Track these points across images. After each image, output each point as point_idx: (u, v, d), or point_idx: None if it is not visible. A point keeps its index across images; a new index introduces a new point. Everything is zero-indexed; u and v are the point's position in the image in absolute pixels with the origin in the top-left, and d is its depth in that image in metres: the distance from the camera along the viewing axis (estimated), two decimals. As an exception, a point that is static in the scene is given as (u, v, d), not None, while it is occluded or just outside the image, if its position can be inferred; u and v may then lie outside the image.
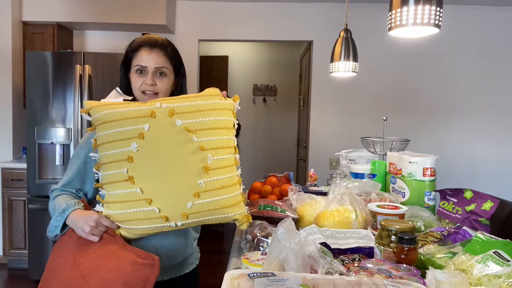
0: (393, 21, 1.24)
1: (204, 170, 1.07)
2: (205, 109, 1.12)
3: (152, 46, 1.28)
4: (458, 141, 3.94)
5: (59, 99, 3.28)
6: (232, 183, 1.12)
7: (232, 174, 1.13)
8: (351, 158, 2.24)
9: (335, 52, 2.33)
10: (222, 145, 1.11)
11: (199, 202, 1.07)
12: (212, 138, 1.10)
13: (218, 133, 1.11)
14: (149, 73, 1.27)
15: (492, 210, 1.34)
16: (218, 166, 1.09)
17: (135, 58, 1.29)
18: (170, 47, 1.32)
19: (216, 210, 1.09)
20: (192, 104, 1.12)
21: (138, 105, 1.11)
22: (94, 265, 1.05)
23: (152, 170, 1.07)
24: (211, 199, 1.07)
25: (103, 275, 1.02)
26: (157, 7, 3.60)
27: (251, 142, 5.37)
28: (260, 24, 3.94)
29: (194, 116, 1.10)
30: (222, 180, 1.09)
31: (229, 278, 0.80)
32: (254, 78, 5.31)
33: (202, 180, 1.07)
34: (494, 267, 0.87)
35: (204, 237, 1.17)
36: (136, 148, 1.07)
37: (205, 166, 1.07)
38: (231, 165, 1.13)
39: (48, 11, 3.63)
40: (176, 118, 1.09)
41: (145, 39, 1.30)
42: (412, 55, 3.86)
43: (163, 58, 1.29)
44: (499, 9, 3.84)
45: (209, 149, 1.08)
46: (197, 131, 1.09)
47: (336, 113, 3.99)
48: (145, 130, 1.07)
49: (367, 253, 1.13)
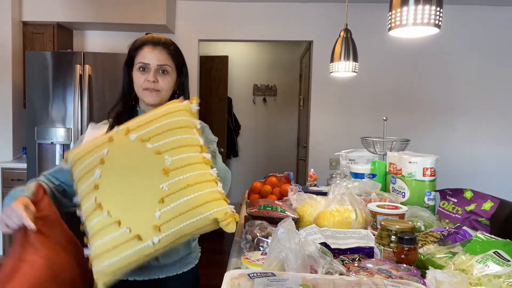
0: (393, 21, 1.24)
1: (163, 173, 1.00)
2: (158, 116, 1.09)
3: (155, 44, 1.29)
4: (458, 141, 3.95)
5: (59, 99, 3.28)
6: (201, 181, 1.02)
7: (199, 172, 1.03)
8: (351, 158, 2.24)
9: (335, 52, 2.33)
10: (181, 144, 1.04)
11: (167, 208, 0.98)
12: (168, 139, 1.04)
13: (174, 134, 1.05)
14: (152, 70, 1.28)
15: (492, 210, 1.34)
16: (180, 165, 1.01)
17: (138, 56, 1.30)
18: (172, 46, 1.33)
19: (188, 212, 0.98)
20: (146, 117, 1.10)
21: (102, 135, 1.12)
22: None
23: (116, 191, 1.03)
24: (178, 201, 0.98)
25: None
26: (157, 7, 3.60)
27: (251, 142, 5.37)
28: (260, 24, 3.94)
29: (147, 126, 1.07)
30: (187, 178, 1.00)
31: (229, 278, 0.80)
32: (254, 78, 5.31)
33: (164, 184, 0.99)
34: (494, 267, 0.87)
35: (204, 237, 1.16)
36: (99, 174, 1.04)
37: (163, 168, 1.00)
38: (195, 163, 1.04)
39: (48, 11, 3.63)
40: (131, 134, 1.07)
41: (148, 37, 1.32)
42: (412, 55, 3.86)
43: (166, 56, 1.30)
44: (499, 9, 3.84)
45: (166, 151, 1.02)
46: (151, 137, 1.05)
47: (336, 113, 3.98)
48: (104, 154, 1.06)
49: (367, 253, 1.13)
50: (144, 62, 1.28)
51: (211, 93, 4.83)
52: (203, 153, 1.07)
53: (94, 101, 3.30)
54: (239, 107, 5.32)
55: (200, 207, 0.99)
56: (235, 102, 5.30)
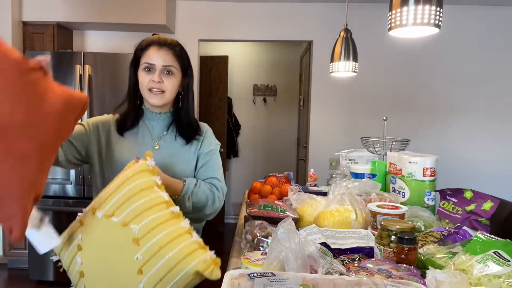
0: (393, 21, 1.24)
1: (134, 243, 0.98)
2: (117, 186, 1.07)
3: (161, 45, 1.30)
4: (458, 141, 3.95)
5: (59, 99, 3.28)
6: (173, 237, 1.00)
7: (169, 229, 1.01)
8: (351, 158, 2.24)
9: (335, 52, 2.33)
10: (144, 208, 1.02)
11: (148, 277, 0.96)
12: (130, 208, 1.02)
13: (135, 200, 1.03)
14: (157, 70, 1.28)
15: (492, 210, 1.35)
16: (147, 231, 0.99)
17: (144, 56, 1.30)
18: (178, 47, 1.34)
19: (170, 273, 0.97)
20: (107, 190, 1.10)
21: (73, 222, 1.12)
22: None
23: (98, 275, 1.02)
24: (156, 266, 0.96)
25: None
26: (157, 7, 3.60)
27: (251, 142, 5.36)
28: (260, 24, 3.94)
29: (109, 200, 1.06)
30: (157, 241, 0.98)
31: (229, 278, 0.80)
32: (254, 78, 5.31)
33: (137, 254, 0.97)
34: (494, 267, 0.87)
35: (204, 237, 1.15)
36: (81, 262, 1.04)
37: (133, 238, 0.98)
38: (163, 222, 1.02)
39: (48, 11, 3.63)
40: (97, 212, 1.06)
41: (154, 38, 1.33)
42: (412, 55, 3.86)
43: (171, 57, 1.30)
44: (499, 9, 3.84)
45: (131, 220, 1.00)
46: (115, 211, 1.03)
47: (336, 113, 3.99)
48: (79, 240, 1.06)
49: (367, 253, 1.13)
50: (150, 62, 1.29)
51: (211, 93, 4.83)
52: (170, 208, 1.05)
53: (94, 101, 3.30)
54: (239, 107, 5.32)
55: (179, 264, 0.97)
56: (235, 102, 5.30)
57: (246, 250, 1.23)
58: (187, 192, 1.28)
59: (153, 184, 1.07)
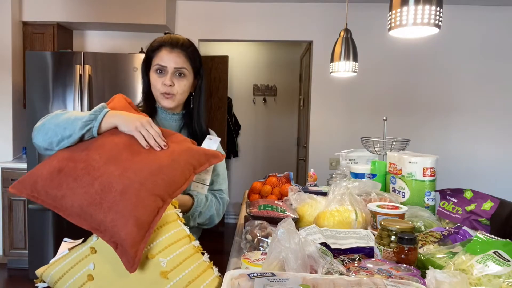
0: (393, 21, 1.24)
1: (162, 277, 0.95)
2: None
3: (173, 46, 1.29)
4: (458, 141, 3.95)
5: (59, 99, 3.28)
6: (200, 272, 1.00)
7: (195, 264, 1.00)
8: (351, 158, 2.24)
9: (335, 52, 2.33)
10: (171, 241, 1.00)
11: None
12: (157, 240, 0.99)
13: (161, 233, 1.00)
14: (168, 73, 1.28)
15: (492, 210, 1.34)
16: (176, 264, 0.97)
17: (156, 58, 1.29)
18: (191, 48, 1.32)
19: None
20: None
21: (80, 247, 1.03)
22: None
23: None
24: None
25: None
26: (157, 7, 3.60)
27: (251, 142, 5.36)
28: (260, 24, 3.94)
29: None
30: (186, 276, 0.97)
31: (229, 278, 0.80)
32: (254, 78, 5.31)
33: (166, 287, 0.95)
34: (494, 267, 0.87)
35: (204, 237, 1.15)
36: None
37: (161, 271, 0.95)
38: (189, 256, 1.01)
39: (48, 11, 3.63)
40: None
41: (166, 38, 1.31)
42: (412, 55, 3.86)
43: (183, 58, 1.29)
44: (499, 9, 3.84)
45: (158, 252, 0.97)
46: None
47: (336, 113, 3.99)
48: (91, 270, 0.98)
49: (367, 253, 1.13)
50: (161, 64, 1.28)
51: (211, 93, 4.83)
52: (192, 242, 1.04)
53: (94, 101, 3.30)
54: (239, 107, 5.32)
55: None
56: (235, 102, 5.30)
57: (246, 250, 1.23)
58: (194, 212, 1.27)
59: (176, 217, 1.06)
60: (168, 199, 1.01)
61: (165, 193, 1.00)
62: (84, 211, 0.94)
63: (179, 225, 1.05)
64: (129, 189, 0.95)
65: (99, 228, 0.94)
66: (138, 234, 0.91)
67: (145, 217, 0.94)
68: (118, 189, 0.95)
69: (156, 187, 0.98)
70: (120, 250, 0.91)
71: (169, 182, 1.01)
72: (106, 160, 1.01)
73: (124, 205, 0.93)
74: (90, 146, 1.06)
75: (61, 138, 1.07)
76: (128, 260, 0.90)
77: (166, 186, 1.00)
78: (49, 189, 0.99)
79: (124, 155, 1.03)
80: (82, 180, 0.98)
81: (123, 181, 0.96)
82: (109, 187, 0.95)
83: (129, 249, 0.90)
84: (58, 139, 1.07)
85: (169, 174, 1.02)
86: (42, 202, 1.00)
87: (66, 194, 0.97)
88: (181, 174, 1.05)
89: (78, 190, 0.96)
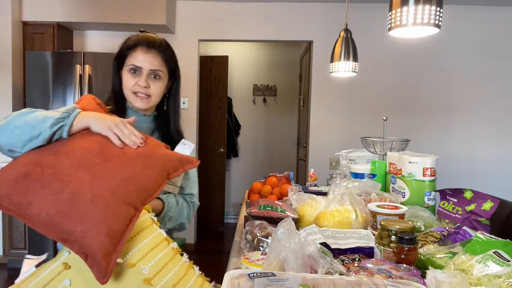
0: (393, 21, 1.24)
1: (146, 283, 0.92)
2: None
3: (149, 47, 1.24)
4: (458, 141, 3.95)
5: (59, 99, 3.28)
6: (183, 274, 0.98)
7: (176, 267, 0.98)
8: (351, 158, 2.24)
9: (335, 52, 2.33)
10: (150, 247, 0.98)
11: None
12: (135, 248, 0.96)
13: (139, 239, 0.97)
14: (144, 74, 1.23)
15: (492, 210, 1.35)
16: (158, 270, 0.95)
17: (131, 57, 1.25)
18: (167, 50, 1.28)
19: None
20: None
21: (50, 263, 0.97)
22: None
23: None
24: None
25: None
26: (157, 7, 3.60)
27: (251, 142, 5.37)
28: (260, 24, 3.94)
29: None
30: (170, 279, 0.95)
31: (229, 278, 0.80)
32: (254, 78, 5.31)
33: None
34: (494, 267, 0.87)
35: (204, 237, 1.15)
36: None
37: (144, 279, 0.93)
38: (170, 260, 0.99)
39: (48, 11, 3.63)
40: None
41: (142, 38, 1.26)
42: (412, 55, 3.86)
43: (159, 60, 1.25)
44: (499, 9, 3.84)
45: (138, 260, 0.94)
46: None
47: (336, 113, 3.99)
48: (67, 286, 0.93)
49: (367, 253, 1.13)
50: (136, 65, 1.23)
51: (211, 93, 4.83)
52: (171, 244, 1.02)
53: (94, 101, 3.30)
54: (239, 107, 5.32)
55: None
56: (235, 102, 5.30)
57: (246, 250, 1.23)
58: (164, 217, 1.23)
59: (151, 222, 1.03)
60: (141, 207, 0.97)
61: (137, 201, 0.96)
62: (52, 220, 0.89)
63: (156, 229, 1.02)
64: (100, 198, 0.91)
65: (68, 238, 0.89)
66: (110, 245, 0.88)
67: (117, 226, 0.90)
68: (89, 197, 0.91)
69: (128, 195, 0.94)
70: (90, 261, 0.88)
71: (142, 189, 0.97)
72: (77, 166, 0.96)
73: (95, 214, 0.89)
74: (59, 150, 1.00)
75: (29, 137, 0.99)
76: (100, 271, 0.87)
77: (139, 193, 0.97)
78: (13, 195, 0.92)
79: (96, 160, 0.98)
80: (50, 187, 0.92)
81: (93, 189, 0.92)
82: (79, 195, 0.91)
83: (101, 260, 0.86)
84: (26, 138, 0.99)
85: (142, 181, 0.98)
86: (4, 209, 0.93)
87: (32, 201, 0.91)
88: (154, 181, 1.01)
89: (46, 197, 0.91)
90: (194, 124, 3.99)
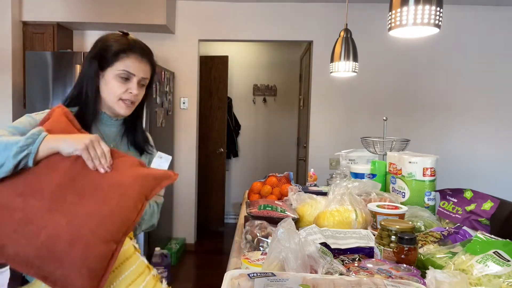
0: (393, 21, 1.24)
1: None
2: None
3: (143, 55, 1.21)
4: (458, 141, 3.95)
5: (59, 99, 3.28)
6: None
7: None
8: (351, 158, 2.24)
9: (335, 52, 2.33)
10: (134, 277, 0.99)
11: None
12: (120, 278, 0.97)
13: (123, 269, 0.98)
14: (135, 82, 1.20)
15: (492, 210, 1.35)
16: None
17: (123, 62, 1.18)
18: (153, 58, 1.27)
19: None
20: None
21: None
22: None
23: None
24: None
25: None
26: (157, 7, 3.60)
27: (251, 142, 5.37)
28: (260, 24, 3.94)
29: None
30: None
31: (229, 278, 0.80)
32: (254, 78, 5.31)
33: None
34: (494, 267, 0.87)
35: (204, 237, 1.15)
36: None
37: None
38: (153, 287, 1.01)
39: (48, 11, 3.63)
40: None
41: (135, 44, 1.22)
42: (412, 55, 3.86)
43: (149, 68, 1.24)
44: (499, 9, 3.84)
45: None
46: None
47: (336, 113, 3.99)
48: None
49: (367, 253, 1.13)
50: (130, 72, 1.18)
51: (211, 93, 4.83)
52: (152, 272, 1.04)
53: (94, 101, 3.30)
54: (239, 107, 5.32)
55: None
56: (235, 102, 5.30)
57: (246, 250, 1.23)
58: (141, 222, 1.20)
59: (134, 250, 1.03)
60: (123, 238, 0.95)
61: (118, 234, 0.94)
62: (31, 262, 0.88)
63: (138, 258, 1.02)
64: (78, 240, 0.88)
65: (48, 277, 0.87)
66: (92, 284, 0.87)
67: (100, 265, 0.89)
68: (67, 239, 0.88)
69: (108, 233, 0.91)
70: None
71: (122, 222, 0.94)
72: (49, 207, 0.91)
73: (76, 257, 0.87)
74: (25, 190, 0.94)
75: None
76: None
77: (119, 227, 0.94)
78: None
79: (69, 198, 0.93)
80: (24, 231, 0.89)
81: (71, 231, 0.89)
82: (56, 238, 0.88)
83: None
84: None
85: (120, 214, 0.94)
86: None
87: (6, 244, 0.89)
88: (133, 208, 0.97)
89: (21, 241, 0.88)
90: (194, 124, 3.99)
